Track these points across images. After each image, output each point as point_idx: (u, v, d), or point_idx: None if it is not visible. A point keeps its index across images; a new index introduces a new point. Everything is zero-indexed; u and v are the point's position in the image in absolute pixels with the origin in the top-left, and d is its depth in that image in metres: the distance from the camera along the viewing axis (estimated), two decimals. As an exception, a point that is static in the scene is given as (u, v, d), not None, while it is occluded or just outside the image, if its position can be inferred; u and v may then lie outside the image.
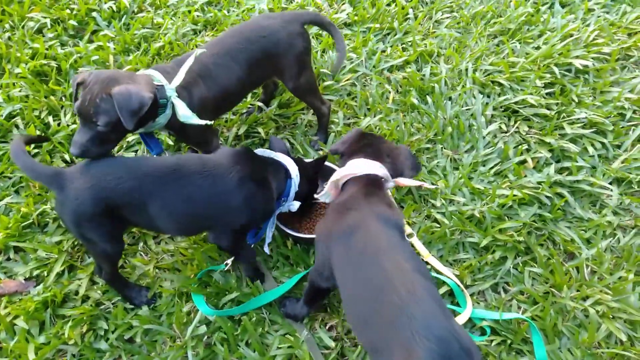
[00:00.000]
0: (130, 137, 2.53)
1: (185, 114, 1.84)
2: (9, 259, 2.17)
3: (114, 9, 3.12)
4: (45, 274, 2.10)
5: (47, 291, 2.03)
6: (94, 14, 3.08)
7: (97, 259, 1.94)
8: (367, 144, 1.88)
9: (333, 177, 1.81)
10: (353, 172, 1.77)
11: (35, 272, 2.11)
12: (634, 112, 2.69)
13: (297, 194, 2.02)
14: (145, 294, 2.06)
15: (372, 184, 1.74)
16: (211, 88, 2.01)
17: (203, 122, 1.87)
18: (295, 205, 2.02)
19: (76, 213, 1.68)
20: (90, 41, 2.97)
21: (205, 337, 1.96)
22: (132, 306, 2.03)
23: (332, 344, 1.95)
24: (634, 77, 2.83)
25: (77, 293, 2.06)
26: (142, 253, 2.21)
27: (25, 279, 2.10)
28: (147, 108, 1.71)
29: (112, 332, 1.96)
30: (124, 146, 2.52)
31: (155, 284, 2.10)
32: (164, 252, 2.20)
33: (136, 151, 2.51)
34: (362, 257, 1.52)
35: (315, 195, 2.04)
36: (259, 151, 2.01)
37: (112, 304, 2.04)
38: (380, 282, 1.41)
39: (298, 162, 2.04)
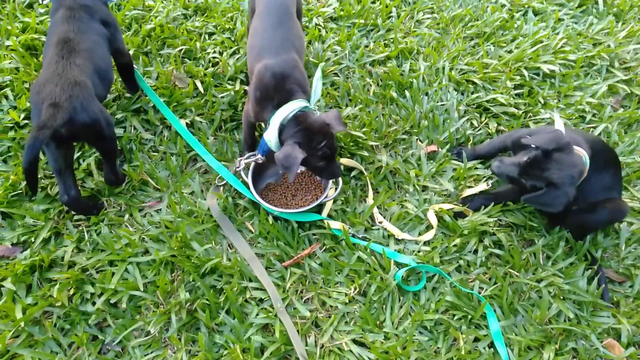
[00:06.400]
0: (120, 115, 2.61)
1: None
2: (-4, 224, 2.23)
3: (106, -12, 3.16)
4: (32, 240, 2.16)
5: (34, 256, 2.10)
6: (86, -8, 3.12)
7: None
8: None
9: None
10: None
11: (22, 238, 2.17)
12: (593, 115, 2.91)
13: None
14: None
15: None
16: None
17: None
18: None
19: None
20: (81, 19, 3.01)
21: (187, 304, 2.07)
22: (115, 269, 2.11)
23: (308, 314, 2.09)
24: (595, 84, 3.05)
25: (62, 259, 2.13)
26: (127, 224, 2.29)
27: (12, 245, 2.16)
28: None
29: (98, 296, 2.05)
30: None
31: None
32: (150, 224, 2.29)
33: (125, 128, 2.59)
34: None
35: None
36: None
37: (97, 270, 2.13)
38: None
39: None
